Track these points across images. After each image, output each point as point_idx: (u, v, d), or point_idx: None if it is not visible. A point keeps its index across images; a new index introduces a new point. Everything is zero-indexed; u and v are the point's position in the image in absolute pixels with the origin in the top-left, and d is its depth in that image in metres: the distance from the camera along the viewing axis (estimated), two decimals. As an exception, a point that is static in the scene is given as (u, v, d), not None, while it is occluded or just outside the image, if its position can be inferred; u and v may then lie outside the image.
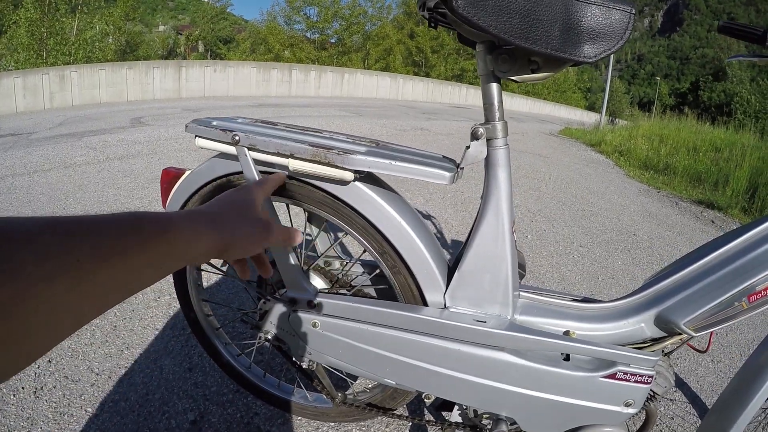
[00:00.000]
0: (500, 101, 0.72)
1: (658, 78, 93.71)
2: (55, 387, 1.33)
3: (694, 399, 1.53)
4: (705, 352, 0.96)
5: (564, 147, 7.88)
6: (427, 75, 27.59)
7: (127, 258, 0.33)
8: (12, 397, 1.28)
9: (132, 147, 4.85)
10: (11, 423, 1.19)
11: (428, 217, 3.03)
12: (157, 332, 1.61)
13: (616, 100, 50.93)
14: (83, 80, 12.62)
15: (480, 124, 0.71)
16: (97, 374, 1.39)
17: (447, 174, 0.70)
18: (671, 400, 1.49)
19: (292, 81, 16.31)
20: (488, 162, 0.74)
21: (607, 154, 7.43)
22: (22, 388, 1.32)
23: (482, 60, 0.70)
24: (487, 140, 0.72)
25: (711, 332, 0.85)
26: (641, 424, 0.92)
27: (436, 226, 2.87)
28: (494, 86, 0.71)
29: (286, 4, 27.43)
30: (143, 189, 3.32)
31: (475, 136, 0.71)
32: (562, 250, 2.77)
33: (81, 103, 12.21)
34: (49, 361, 1.43)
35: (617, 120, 16.35)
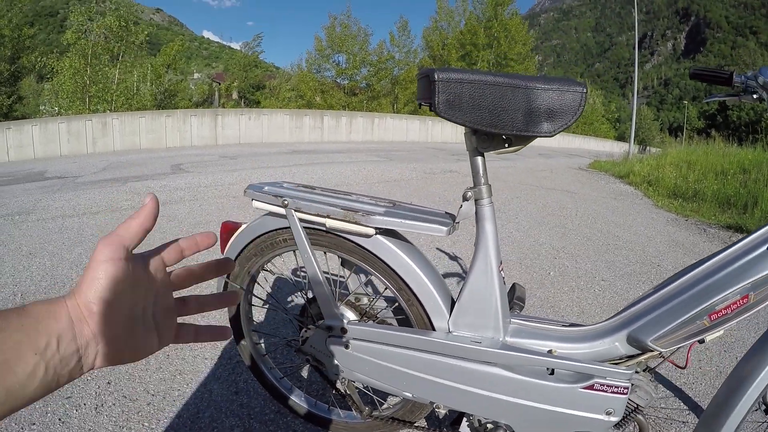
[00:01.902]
0: (485, 170, 0.93)
1: (686, 102, 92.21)
2: (114, 404, 1.52)
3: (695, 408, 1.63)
4: (684, 368, 1.10)
5: (592, 181, 7.85)
6: (457, 117, 27.81)
7: None
8: (75, 411, 1.47)
9: (174, 193, 5.14)
10: (75, 434, 1.37)
11: (455, 258, 3.16)
12: (206, 361, 1.81)
13: (645, 127, 50.24)
14: (124, 127, 13.23)
15: (469, 188, 0.92)
16: (153, 395, 1.58)
17: (444, 228, 0.91)
18: (683, 422, 1.58)
19: (324, 127, 16.70)
20: (477, 217, 0.94)
21: (636, 185, 7.33)
22: (84, 404, 1.51)
23: (468, 140, 0.91)
24: (475, 200, 0.93)
25: (688, 349, 0.98)
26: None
27: (461, 266, 2.99)
28: (479, 159, 0.92)
29: (316, 53, 28.46)
30: (188, 233, 3.57)
31: (465, 198, 0.92)
32: (584, 284, 2.83)
33: (122, 149, 12.82)
34: (108, 382, 1.63)
35: (648, 148, 16.10)
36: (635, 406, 0.99)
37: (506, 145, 0.87)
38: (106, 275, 0.36)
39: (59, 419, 1.44)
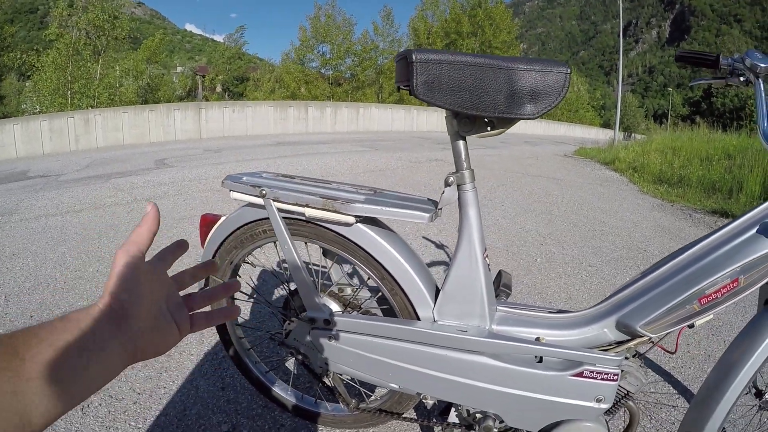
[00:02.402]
0: (467, 154, 0.90)
1: (671, 89, 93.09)
2: (100, 405, 1.49)
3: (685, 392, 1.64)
4: (674, 353, 1.09)
5: (578, 168, 7.91)
6: (441, 106, 27.91)
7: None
8: (60, 413, 1.45)
9: (158, 188, 5.09)
10: (61, 437, 1.35)
11: (441, 246, 3.16)
12: (192, 357, 1.78)
13: (630, 114, 50.66)
14: (107, 123, 13.03)
15: (451, 173, 0.90)
16: (139, 393, 1.56)
17: (426, 215, 0.88)
18: (673, 406, 1.59)
19: (308, 118, 16.64)
20: (460, 203, 0.92)
21: (621, 171, 7.41)
22: (69, 405, 1.49)
23: (449, 123, 0.89)
24: (458, 186, 0.90)
25: (678, 334, 0.98)
26: (627, 424, 1.05)
27: (447, 255, 3.00)
28: (461, 143, 0.89)
29: (300, 44, 28.26)
30: (172, 228, 3.54)
31: (447, 183, 0.90)
32: (571, 271, 2.85)
33: (105, 145, 12.64)
34: (92, 382, 1.61)
35: (633, 135, 16.24)
36: (625, 392, 0.99)
37: (488, 128, 0.85)
38: (132, 275, 0.41)
39: None
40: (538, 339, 0.96)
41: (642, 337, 0.94)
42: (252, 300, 1.23)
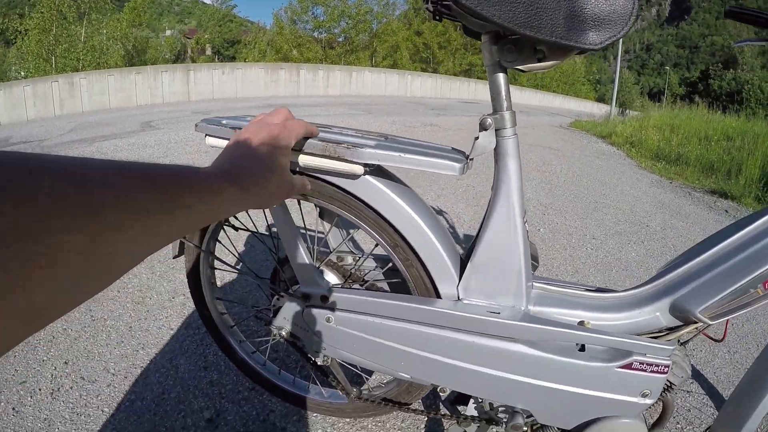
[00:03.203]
0: (507, 91, 0.71)
1: (668, 68, 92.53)
2: (71, 388, 1.34)
3: (711, 390, 1.51)
4: (721, 341, 0.95)
5: (574, 139, 7.81)
6: (435, 71, 27.57)
7: (186, 212, 0.35)
8: (29, 398, 1.30)
9: (143, 150, 4.90)
10: (28, 425, 1.20)
11: (440, 212, 3.02)
12: (172, 332, 1.62)
13: (625, 90, 50.40)
14: (92, 86, 12.75)
15: (488, 115, 0.71)
16: (113, 374, 1.40)
17: (456, 165, 0.69)
18: (688, 391, 1.48)
19: (300, 81, 16.36)
20: (497, 152, 0.73)
21: (618, 145, 7.36)
22: (39, 389, 1.33)
23: (488, 51, 0.69)
24: (496, 130, 0.72)
25: (727, 321, 0.84)
26: (658, 415, 0.91)
27: (448, 221, 2.87)
28: (501, 76, 0.71)
29: (297, 3, 27.58)
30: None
31: (483, 127, 0.71)
32: (575, 242, 2.75)
33: (91, 109, 12.34)
34: (66, 362, 1.45)
35: (628, 111, 16.19)
36: (669, 384, 0.84)
37: (537, 59, 0.66)
38: None
39: (13, 408, 1.26)
40: (581, 323, 0.79)
41: (697, 323, 0.80)
42: (235, 270, 1.04)
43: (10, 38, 21.45)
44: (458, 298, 0.79)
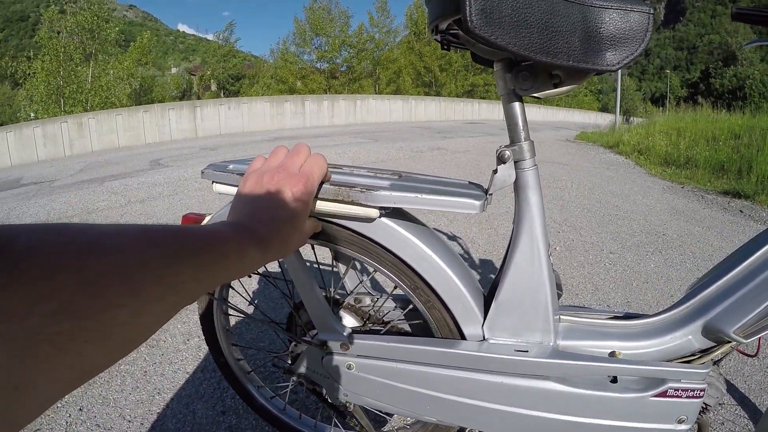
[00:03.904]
0: (524, 120, 0.69)
1: (668, 71, 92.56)
2: (88, 437, 1.31)
3: (743, 400, 1.45)
4: (755, 356, 0.91)
5: (582, 152, 7.80)
6: (438, 94, 27.86)
7: (214, 277, 0.37)
8: (45, 448, 1.27)
9: (153, 189, 4.94)
10: (47, 477, 1.18)
11: (453, 237, 2.98)
12: (188, 375, 1.59)
13: (628, 98, 50.41)
14: (101, 126, 13.00)
15: (506, 147, 0.68)
16: (129, 421, 1.37)
17: (476, 203, 0.66)
18: (720, 404, 1.41)
19: (305, 112, 16.60)
20: (518, 185, 0.70)
21: (626, 154, 7.34)
22: (56, 439, 1.31)
23: (501, 79, 0.67)
24: (515, 162, 0.69)
25: (760, 337, 0.79)
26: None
27: (462, 247, 2.82)
28: (517, 105, 0.68)
29: (296, 35, 28.19)
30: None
31: (501, 160, 0.68)
32: (593, 258, 2.70)
33: (100, 149, 12.56)
34: (80, 409, 1.42)
35: (632, 118, 16.19)
36: (705, 406, 0.80)
37: (553, 84, 0.64)
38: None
39: None
40: (612, 354, 0.75)
41: (731, 342, 0.76)
42: (250, 317, 1.01)
43: (19, 80, 22.07)
44: (483, 338, 0.76)
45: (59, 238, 0.25)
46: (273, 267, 1.52)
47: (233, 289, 1.02)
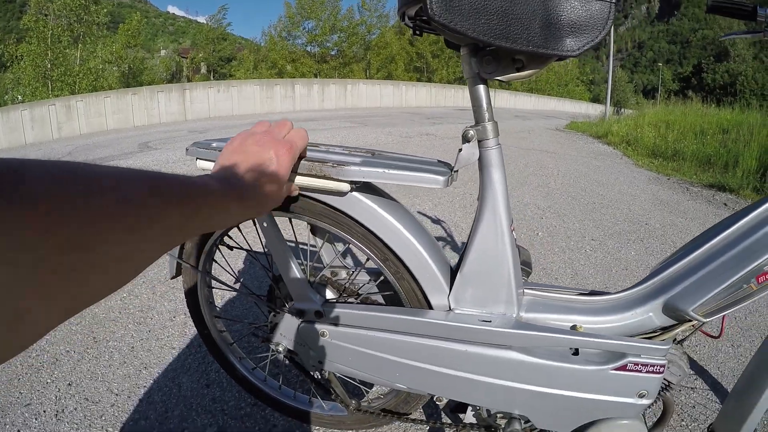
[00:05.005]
0: (488, 102, 0.73)
1: (660, 64, 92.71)
2: (75, 409, 1.34)
3: (715, 386, 1.51)
4: (718, 337, 0.96)
5: (570, 141, 7.85)
6: (430, 80, 27.71)
7: (200, 224, 0.41)
8: (34, 420, 1.30)
9: (141, 171, 4.91)
10: (34, 447, 1.20)
11: (437, 221, 3.02)
12: (173, 351, 1.63)
13: (619, 89, 50.51)
14: (89, 109, 12.80)
15: (470, 126, 0.72)
16: (117, 395, 1.40)
17: (440, 178, 0.70)
18: (692, 388, 1.48)
19: (295, 96, 16.47)
20: (481, 163, 0.74)
21: (615, 144, 7.40)
22: (44, 411, 1.33)
23: (467, 63, 0.71)
24: (479, 141, 0.73)
25: (723, 318, 0.84)
26: (659, 415, 0.91)
27: (445, 230, 2.87)
28: (481, 88, 0.72)
29: (286, 18, 27.82)
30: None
31: (466, 139, 0.72)
32: (574, 245, 2.75)
33: (88, 132, 12.38)
34: (69, 384, 1.45)
35: (623, 110, 16.25)
36: (666, 383, 0.85)
37: (516, 68, 0.67)
38: None
39: (18, 430, 1.26)
40: (574, 327, 0.80)
41: (691, 321, 0.80)
42: (232, 289, 1.05)
43: (6, 63, 21.67)
44: (450, 308, 0.80)
45: (70, 175, 0.27)
46: (255, 243, 1.56)
47: (217, 263, 1.06)
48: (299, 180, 0.72)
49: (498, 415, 0.86)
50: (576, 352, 0.79)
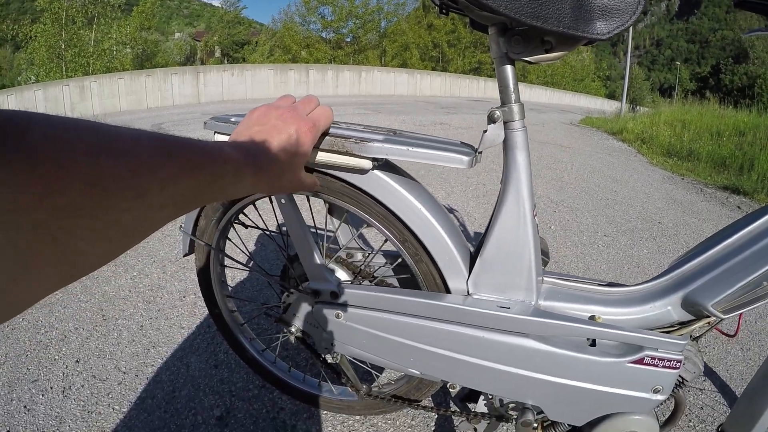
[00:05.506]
0: (515, 83, 0.70)
1: (678, 63, 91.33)
2: (83, 386, 1.35)
3: (723, 388, 1.49)
4: (734, 336, 0.94)
5: (585, 136, 7.76)
6: (445, 69, 27.52)
7: (211, 193, 0.39)
8: (41, 396, 1.31)
9: (153, 152, 4.93)
10: (40, 422, 1.21)
11: (451, 210, 3.01)
12: (182, 330, 1.63)
13: (636, 87, 49.82)
14: (103, 90, 12.85)
15: (496, 108, 0.70)
16: (124, 373, 1.41)
17: (465, 158, 0.69)
18: (701, 389, 1.46)
19: (309, 81, 16.42)
20: (506, 145, 0.72)
21: (629, 142, 7.29)
22: (51, 388, 1.34)
23: (495, 43, 0.69)
24: (504, 123, 0.71)
25: (740, 316, 0.82)
26: (670, 413, 0.90)
27: (458, 219, 2.85)
28: (509, 68, 0.70)
29: (302, 4, 27.73)
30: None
31: (491, 120, 0.70)
32: (587, 240, 2.72)
33: (102, 113, 12.43)
34: (77, 361, 1.46)
35: (638, 107, 16.06)
36: (681, 380, 0.83)
37: (545, 50, 0.65)
38: None
39: (24, 406, 1.27)
40: (592, 317, 0.78)
41: (709, 317, 0.79)
42: (245, 268, 1.05)
43: (20, 44, 21.80)
44: (468, 293, 0.79)
45: (75, 133, 0.25)
46: (271, 222, 1.56)
47: (231, 241, 1.05)
48: (321, 156, 0.70)
49: (510, 405, 0.85)
50: (593, 343, 0.78)
